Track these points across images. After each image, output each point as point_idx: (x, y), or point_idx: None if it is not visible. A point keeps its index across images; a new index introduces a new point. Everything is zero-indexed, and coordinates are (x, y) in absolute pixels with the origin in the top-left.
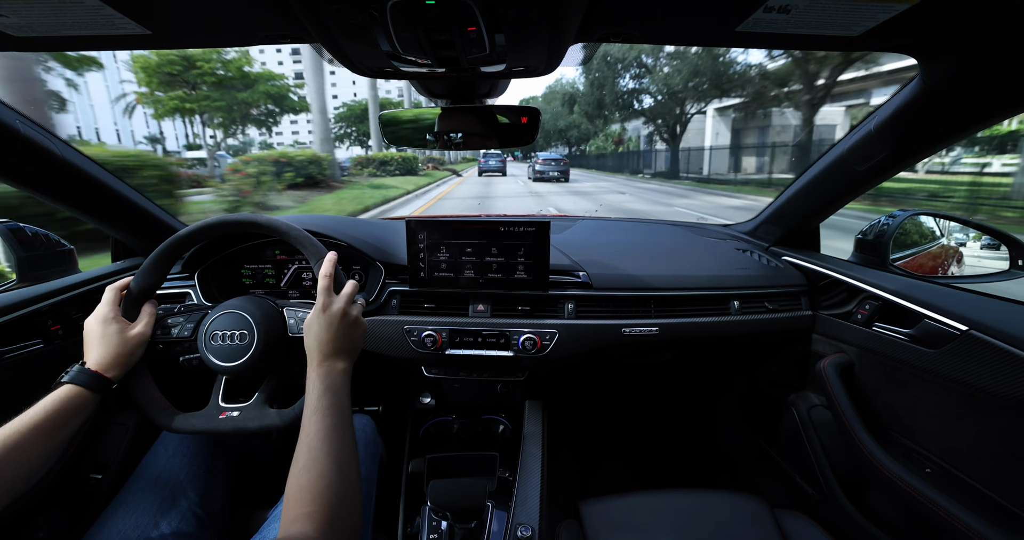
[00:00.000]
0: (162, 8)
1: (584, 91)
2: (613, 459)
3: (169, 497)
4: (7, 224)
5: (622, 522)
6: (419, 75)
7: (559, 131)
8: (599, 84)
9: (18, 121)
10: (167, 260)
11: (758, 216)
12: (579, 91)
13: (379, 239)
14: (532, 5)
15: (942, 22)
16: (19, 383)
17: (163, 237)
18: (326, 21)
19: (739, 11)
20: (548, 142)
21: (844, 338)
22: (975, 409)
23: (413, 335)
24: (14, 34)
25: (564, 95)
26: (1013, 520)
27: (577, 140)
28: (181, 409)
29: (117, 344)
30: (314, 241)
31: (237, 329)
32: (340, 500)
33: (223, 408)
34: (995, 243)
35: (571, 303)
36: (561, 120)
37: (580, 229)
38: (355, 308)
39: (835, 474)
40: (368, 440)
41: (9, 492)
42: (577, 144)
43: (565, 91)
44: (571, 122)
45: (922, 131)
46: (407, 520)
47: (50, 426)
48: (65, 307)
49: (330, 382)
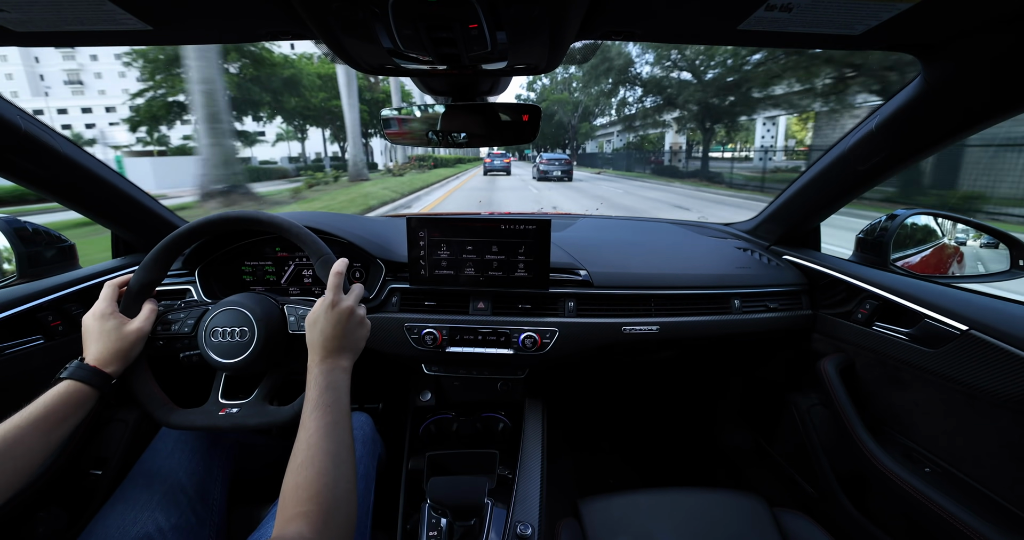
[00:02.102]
0: (163, 4)
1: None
2: (613, 457)
3: (168, 493)
4: (8, 219)
5: (621, 520)
6: (420, 72)
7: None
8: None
9: (19, 117)
10: (168, 256)
11: (759, 215)
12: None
13: (380, 236)
14: (534, 3)
15: (943, 21)
16: (20, 379)
17: (163, 234)
18: (328, 18)
19: (741, 9)
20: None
21: (844, 337)
22: (975, 409)
23: (413, 332)
24: (15, 29)
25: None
26: (1013, 520)
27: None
28: (181, 405)
29: (115, 339)
30: (315, 238)
31: (237, 326)
32: (336, 499)
33: (222, 405)
34: (995, 242)
35: (572, 301)
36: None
37: (581, 227)
38: (362, 308)
39: (834, 473)
40: (368, 437)
41: (10, 487)
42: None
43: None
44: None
45: (923, 130)
46: (406, 517)
47: (50, 421)
48: (65, 303)
49: (332, 379)
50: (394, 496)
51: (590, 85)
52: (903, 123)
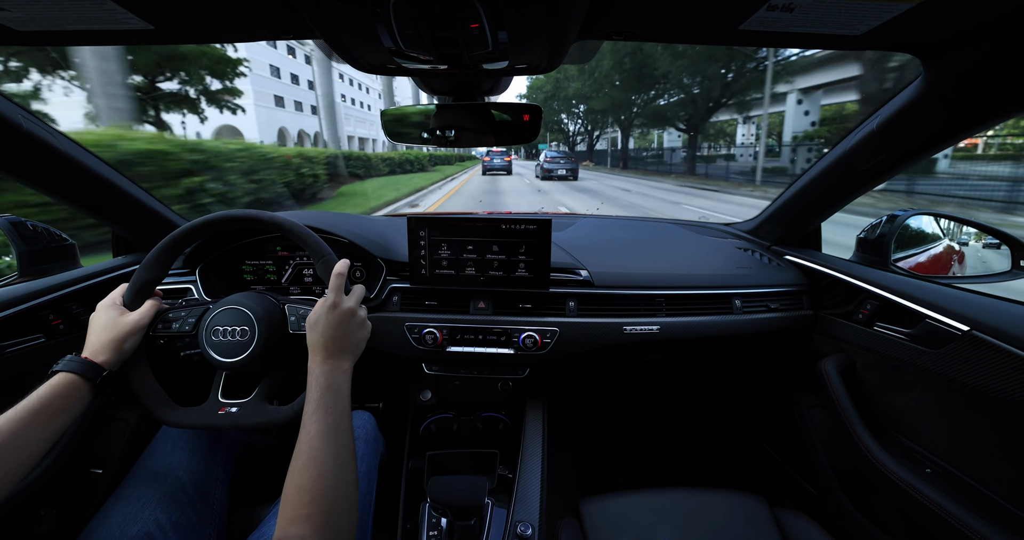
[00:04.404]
0: (165, 3)
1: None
2: (613, 457)
3: (169, 492)
4: (9, 218)
5: (622, 520)
6: (421, 72)
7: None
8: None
9: (21, 116)
10: (169, 255)
11: (760, 215)
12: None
13: (380, 236)
14: (535, 3)
15: (945, 22)
16: (20, 377)
17: (164, 232)
18: (329, 17)
19: (742, 9)
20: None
21: (845, 338)
22: (975, 409)
23: (414, 332)
24: (16, 28)
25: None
26: (1013, 520)
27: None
28: (181, 404)
29: (108, 328)
30: (316, 238)
31: (238, 325)
32: (338, 501)
33: (222, 404)
34: (996, 243)
35: (572, 301)
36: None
37: (581, 227)
38: (363, 309)
39: (835, 473)
40: (369, 437)
41: (8, 481)
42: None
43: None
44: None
45: (924, 131)
46: (407, 517)
47: (45, 415)
48: (66, 302)
49: (332, 380)
50: (394, 496)
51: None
52: (904, 123)
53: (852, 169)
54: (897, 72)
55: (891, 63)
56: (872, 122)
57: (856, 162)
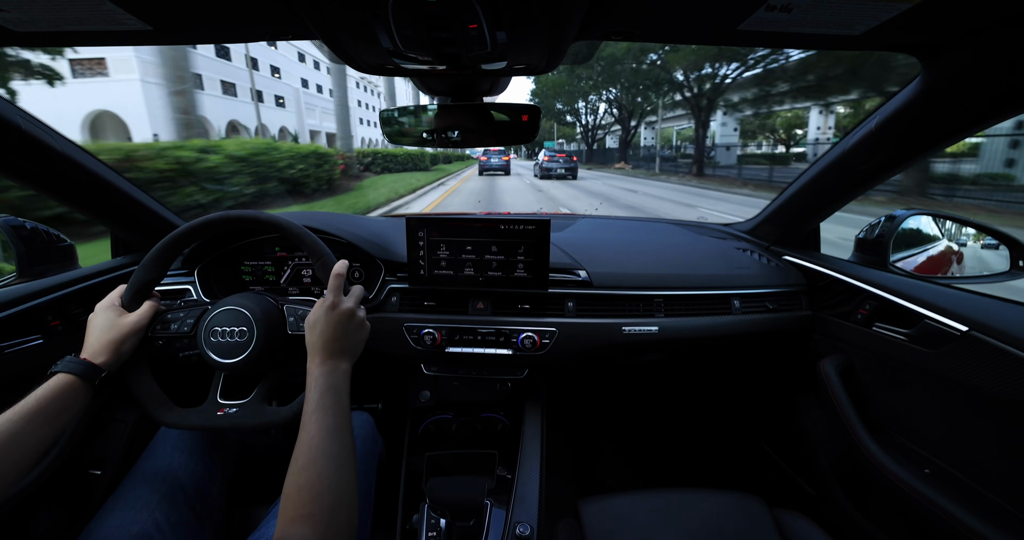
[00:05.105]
0: (164, 4)
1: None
2: (612, 458)
3: (168, 493)
4: (7, 219)
5: (621, 521)
6: (420, 72)
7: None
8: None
9: (19, 117)
10: (167, 256)
11: (758, 215)
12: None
13: (379, 236)
14: (534, 3)
15: (944, 22)
16: (19, 378)
17: (163, 233)
18: (328, 18)
19: (741, 9)
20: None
21: (844, 338)
22: (975, 409)
23: (413, 333)
24: (15, 29)
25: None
26: (1012, 520)
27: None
28: (180, 405)
29: (106, 329)
30: (315, 239)
31: (236, 326)
32: (339, 502)
33: (221, 405)
34: (995, 243)
35: (571, 301)
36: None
37: (580, 227)
38: (362, 310)
39: (834, 473)
40: (367, 437)
41: (7, 483)
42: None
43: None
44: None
45: (923, 131)
46: (406, 518)
47: (44, 415)
48: (65, 302)
49: (332, 381)
50: (394, 496)
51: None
52: (903, 123)
53: (851, 169)
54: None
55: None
56: (871, 122)
57: (855, 162)
